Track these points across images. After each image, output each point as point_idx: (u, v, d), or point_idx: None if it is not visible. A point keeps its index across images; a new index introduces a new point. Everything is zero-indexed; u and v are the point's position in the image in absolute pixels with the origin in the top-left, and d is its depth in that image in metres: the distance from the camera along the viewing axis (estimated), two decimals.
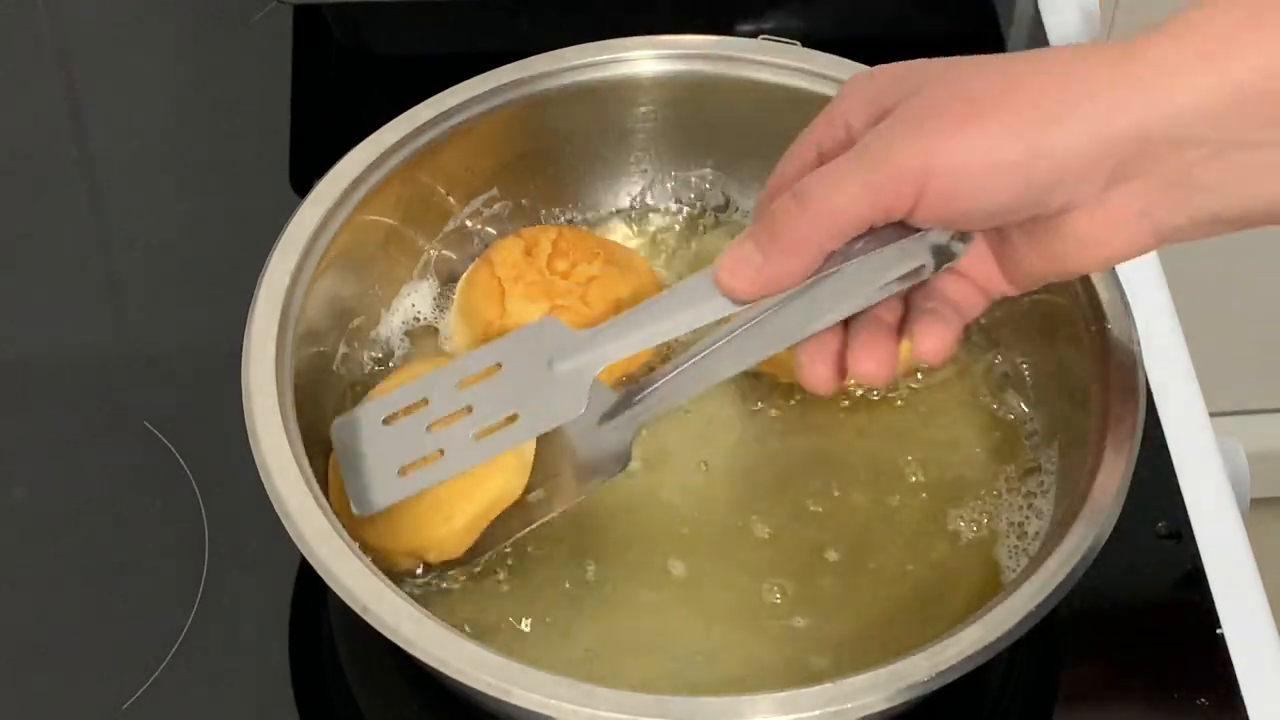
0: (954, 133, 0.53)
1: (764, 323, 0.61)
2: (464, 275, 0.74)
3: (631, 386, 0.66)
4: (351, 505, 0.64)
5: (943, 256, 0.59)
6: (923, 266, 0.59)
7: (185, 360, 0.79)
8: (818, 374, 0.61)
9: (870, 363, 0.60)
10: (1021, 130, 0.53)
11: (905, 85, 0.56)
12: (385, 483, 0.64)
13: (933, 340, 0.59)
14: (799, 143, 0.60)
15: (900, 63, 0.58)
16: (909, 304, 0.61)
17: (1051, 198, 0.54)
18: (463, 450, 0.64)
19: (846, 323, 0.60)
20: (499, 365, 0.64)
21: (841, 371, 0.61)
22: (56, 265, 0.83)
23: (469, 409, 0.64)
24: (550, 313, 0.70)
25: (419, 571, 0.67)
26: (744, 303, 0.58)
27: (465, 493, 0.66)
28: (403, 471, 0.64)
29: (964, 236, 0.59)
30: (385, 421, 0.65)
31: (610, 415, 0.66)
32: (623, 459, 0.66)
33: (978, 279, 0.60)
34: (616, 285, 0.72)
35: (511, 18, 0.87)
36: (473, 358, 0.65)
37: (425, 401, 0.65)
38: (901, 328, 0.61)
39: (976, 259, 0.59)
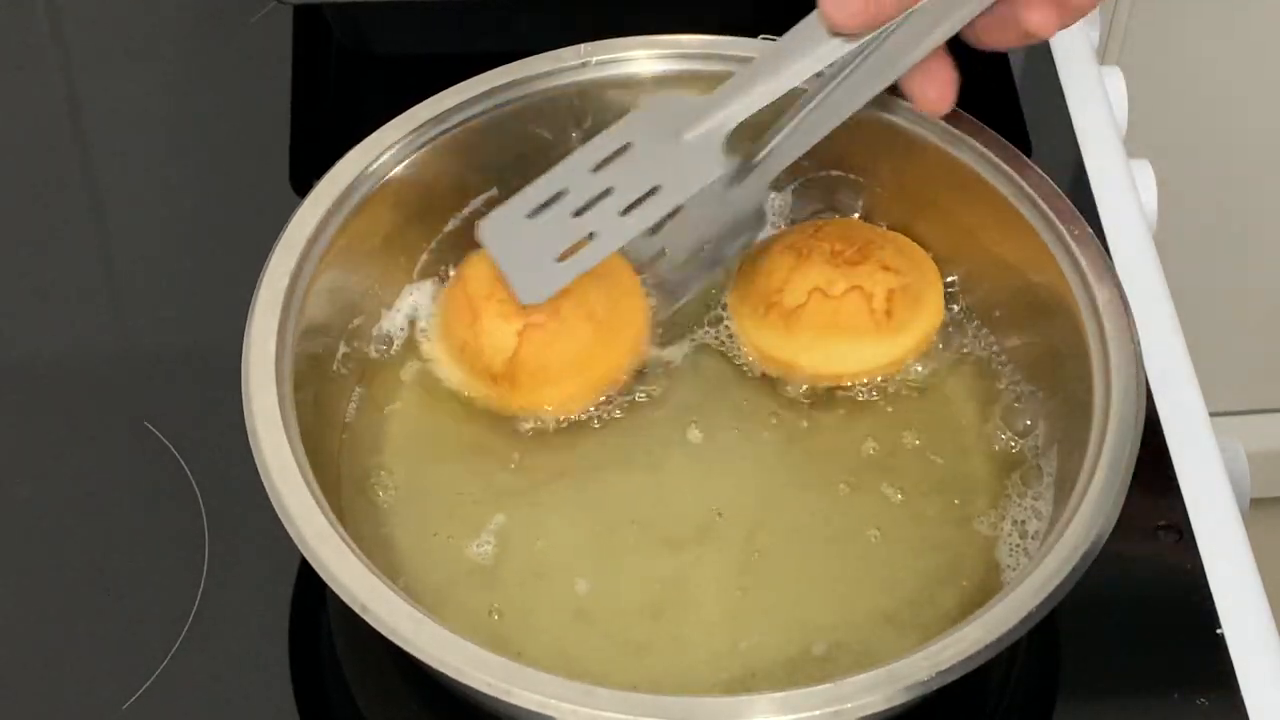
0: None
1: (869, 57, 0.65)
2: (442, 292, 0.74)
3: (751, 147, 0.69)
4: (519, 296, 0.68)
5: None
6: None
7: (185, 360, 0.79)
8: (929, 97, 0.66)
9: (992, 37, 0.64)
10: None
11: None
12: (547, 272, 0.67)
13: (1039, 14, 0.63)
14: None
15: None
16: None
17: None
18: (613, 228, 0.67)
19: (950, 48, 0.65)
20: (629, 145, 0.67)
21: (952, 93, 0.66)
22: (56, 265, 0.83)
23: (609, 190, 0.67)
24: (523, 331, 0.70)
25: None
26: (855, 38, 0.62)
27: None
28: (561, 258, 0.67)
29: None
30: (530, 216, 0.68)
31: (737, 179, 0.69)
32: (761, 217, 0.71)
33: None
34: (590, 297, 0.71)
35: (511, 18, 0.87)
36: (600, 141, 0.68)
37: (565, 191, 0.67)
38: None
39: None
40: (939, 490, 0.70)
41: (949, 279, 0.75)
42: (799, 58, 0.65)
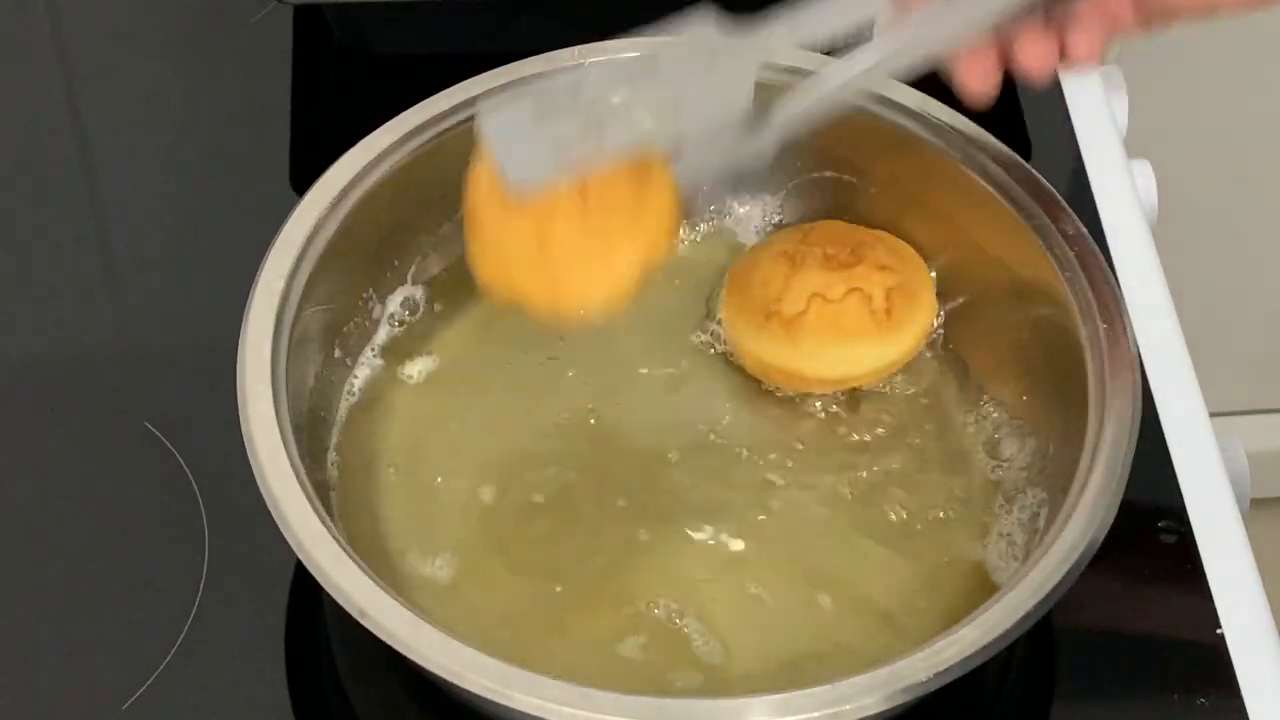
0: None
1: (919, 27, 0.61)
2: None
3: (778, 95, 0.64)
4: (511, 188, 0.61)
5: None
6: None
7: (185, 360, 0.79)
8: (975, 73, 0.62)
9: (1032, 56, 0.61)
10: None
11: None
12: (543, 162, 0.61)
13: (1085, 43, 0.61)
14: None
15: None
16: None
17: None
18: (625, 131, 0.61)
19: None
20: (655, 60, 0.62)
21: (998, 72, 0.62)
22: (56, 265, 0.83)
23: (628, 98, 0.61)
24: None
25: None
26: None
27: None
28: (562, 151, 0.61)
29: None
30: (537, 112, 0.61)
31: (751, 127, 0.64)
32: (762, 171, 0.67)
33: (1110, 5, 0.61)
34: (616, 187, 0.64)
35: (511, 18, 0.87)
36: (627, 57, 0.64)
37: (578, 93, 0.61)
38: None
39: None
40: (935, 490, 0.70)
41: (946, 279, 0.75)
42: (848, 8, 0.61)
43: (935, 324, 0.74)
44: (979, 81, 0.62)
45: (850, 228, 0.75)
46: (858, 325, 0.72)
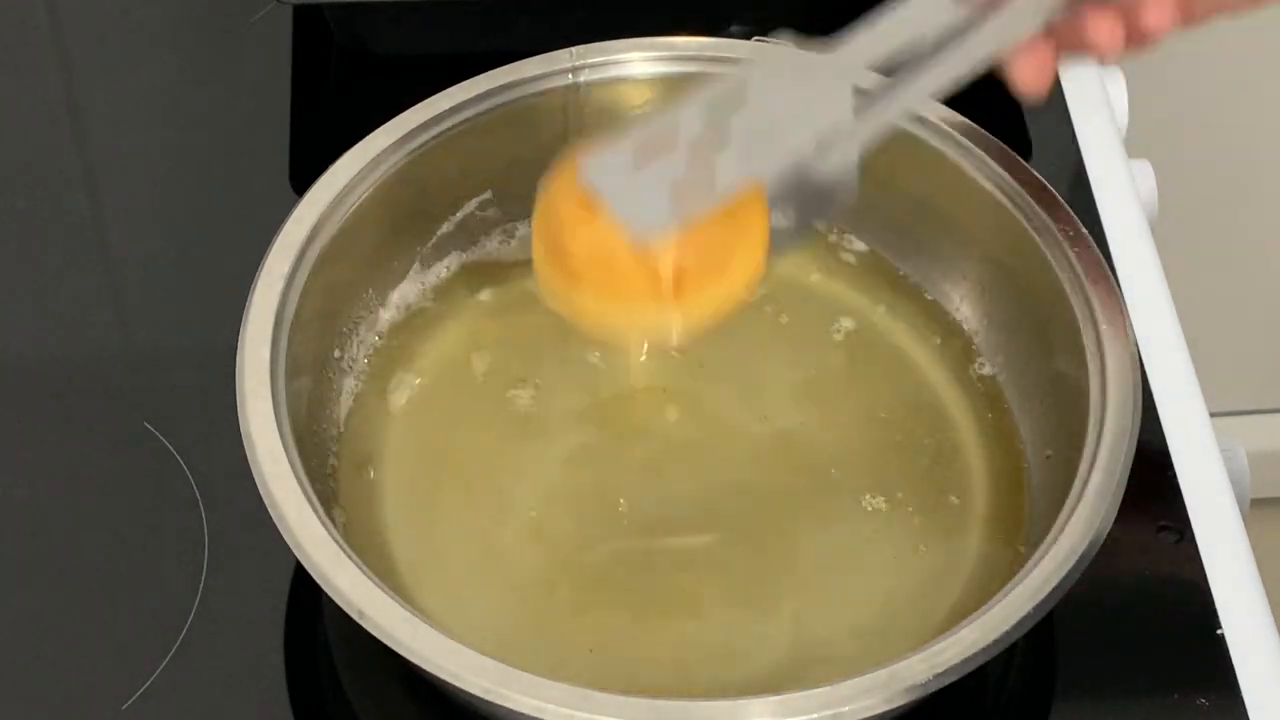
0: None
1: (979, 26, 0.60)
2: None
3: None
4: (633, 238, 0.60)
5: None
6: None
7: (185, 360, 0.79)
8: (1031, 70, 0.61)
9: (1104, 33, 0.59)
10: None
11: None
12: (660, 209, 0.60)
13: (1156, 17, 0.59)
14: None
15: None
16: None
17: None
18: (732, 164, 0.60)
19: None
20: (745, 89, 0.60)
21: (1054, 67, 0.61)
22: (56, 265, 0.83)
23: (728, 131, 0.60)
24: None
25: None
26: None
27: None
28: (675, 198, 0.60)
29: None
30: (641, 159, 0.60)
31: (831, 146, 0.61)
32: (851, 183, 0.62)
33: None
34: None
35: (512, 18, 0.87)
36: (714, 89, 0.61)
37: (677, 134, 0.60)
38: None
39: None
40: (935, 490, 0.70)
41: (945, 279, 0.75)
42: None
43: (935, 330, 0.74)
44: (1036, 78, 0.61)
45: None
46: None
